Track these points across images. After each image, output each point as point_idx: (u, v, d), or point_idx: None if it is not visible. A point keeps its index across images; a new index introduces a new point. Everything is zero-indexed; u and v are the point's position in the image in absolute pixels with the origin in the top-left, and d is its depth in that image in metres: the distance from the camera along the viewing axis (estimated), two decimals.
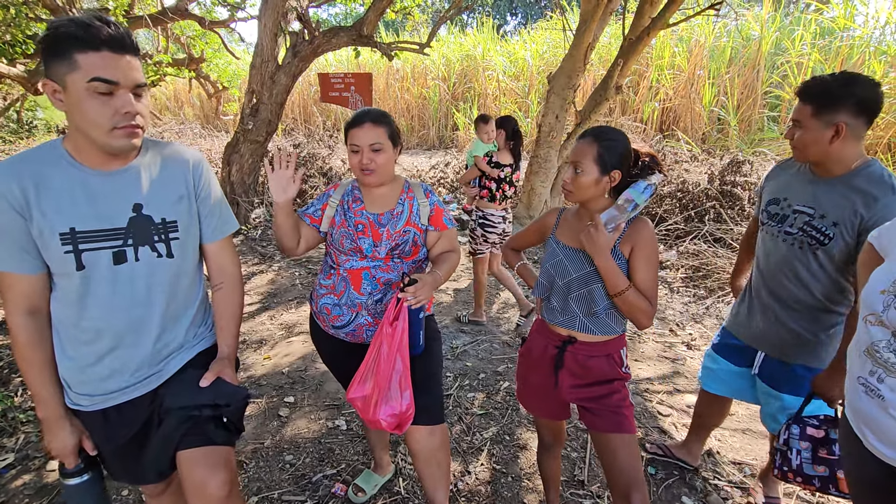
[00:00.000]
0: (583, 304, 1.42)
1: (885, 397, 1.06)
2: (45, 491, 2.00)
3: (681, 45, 9.56)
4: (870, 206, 1.39)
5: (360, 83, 5.71)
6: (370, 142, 1.50)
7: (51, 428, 1.18)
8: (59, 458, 1.21)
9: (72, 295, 1.11)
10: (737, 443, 2.33)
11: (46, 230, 1.05)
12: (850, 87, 1.38)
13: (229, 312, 1.36)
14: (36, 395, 1.16)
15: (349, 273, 1.56)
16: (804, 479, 1.48)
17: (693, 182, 5.33)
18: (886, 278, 1.08)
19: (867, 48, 8.04)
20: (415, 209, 1.60)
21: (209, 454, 1.19)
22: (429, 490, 1.61)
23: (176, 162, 1.23)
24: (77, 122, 1.04)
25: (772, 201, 1.66)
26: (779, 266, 1.61)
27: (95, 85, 1.00)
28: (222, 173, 5.69)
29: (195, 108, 15.82)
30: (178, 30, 8.12)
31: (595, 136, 1.37)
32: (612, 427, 1.40)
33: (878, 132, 7.45)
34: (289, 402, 2.64)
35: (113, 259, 1.12)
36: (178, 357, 1.28)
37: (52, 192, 1.06)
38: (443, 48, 12.85)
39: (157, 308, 1.20)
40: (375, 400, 1.43)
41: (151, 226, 1.16)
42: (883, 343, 1.07)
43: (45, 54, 1.00)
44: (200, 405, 1.20)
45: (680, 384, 2.83)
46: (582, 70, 5.11)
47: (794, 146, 1.52)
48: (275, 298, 4.06)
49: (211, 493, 1.15)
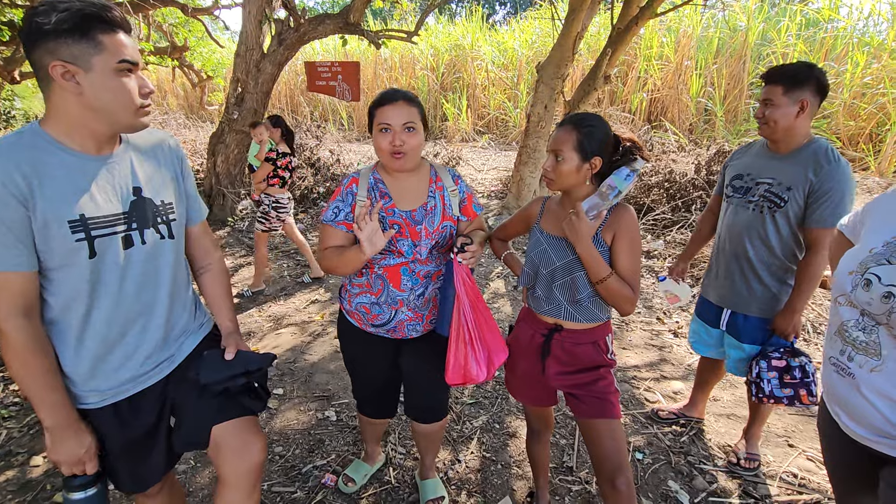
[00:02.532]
0: (566, 292, 1.42)
1: (854, 374, 1.10)
2: (28, 487, 1.97)
3: (669, 36, 9.57)
4: (817, 172, 1.69)
5: (348, 72, 5.63)
6: (404, 121, 1.36)
7: (64, 435, 1.08)
8: (74, 468, 1.12)
9: (80, 286, 1.07)
10: (722, 427, 2.38)
11: (53, 220, 1.00)
12: (812, 70, 1.69)
13: (222, 291, 1.39)
14: (40, 402, 1.06)
15: (386, 270, 1.46)
16: (776, 400, 1.83)
17: (680, 172, 5.37)
18: (854, 260, 1.12)
19: (851, 39, 8.13)
20: (447, 200, 1.50)
21: (248, 423, 1.26)
22: (422, 452, 1.91)
23: (161, 145, 1.24)
24: (101, 104, 1.01)
25: (736, 177, 1.93)
26: (744, 231, 1.87)
27: (123, 65, 1.01)
28: (208, 164, 5.60)
29: (179, 98, 15.53)
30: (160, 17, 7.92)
31: (575, 123, 1.37)
32: (598, 413, 1.41)
33: (859, 122, 7.58)
34: (278, 393, 2.63)
35: (123, 244, 1.11)
36: (188, 341, 1.29)
37: (53, 179, 1.01)
38: (431, 38, 12.72)
39: (164, 290, 1.21)
40: (489, 355, 1.44)
41: (153, 208, 1.16)
42: (851, 322, 1.11)
43: (59, 36, 0.95)
44: (234, 375, 1.23)
45: (667, 371, 2.87)
46: (571, 60, 5.10)
47: (764, 122, 1.77)
48: (262, 290, 4.02)
49: (252, 458, 1.23)
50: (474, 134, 11.32)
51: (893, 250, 1.05)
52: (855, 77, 7.61)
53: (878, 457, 1.09)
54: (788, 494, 1.98)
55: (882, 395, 1.05)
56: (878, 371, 1.06)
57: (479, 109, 11.84)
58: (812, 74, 1.67)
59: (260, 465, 1.25)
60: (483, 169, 8.46)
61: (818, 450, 2.22)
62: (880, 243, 1.08)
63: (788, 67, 1.72)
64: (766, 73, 1.75)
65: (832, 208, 1.66)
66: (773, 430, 2.35)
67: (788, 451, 2.21)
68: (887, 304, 1.03)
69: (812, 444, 2.25)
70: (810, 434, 2.33)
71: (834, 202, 1.66)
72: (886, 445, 1.07)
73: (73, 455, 1.10)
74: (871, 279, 1.07)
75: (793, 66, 1.72)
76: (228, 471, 1.22)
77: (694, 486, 2.01)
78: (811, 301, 3.55)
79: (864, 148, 7.46)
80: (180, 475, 2.05)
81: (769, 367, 1.84)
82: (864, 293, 1.07)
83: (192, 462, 2.13)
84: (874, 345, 1.06)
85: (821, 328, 3.30)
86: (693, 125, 9.20)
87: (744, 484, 2.02)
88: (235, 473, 1.22)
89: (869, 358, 1.07)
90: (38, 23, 0.94)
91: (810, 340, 3.16)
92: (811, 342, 3.15)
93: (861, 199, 6.04)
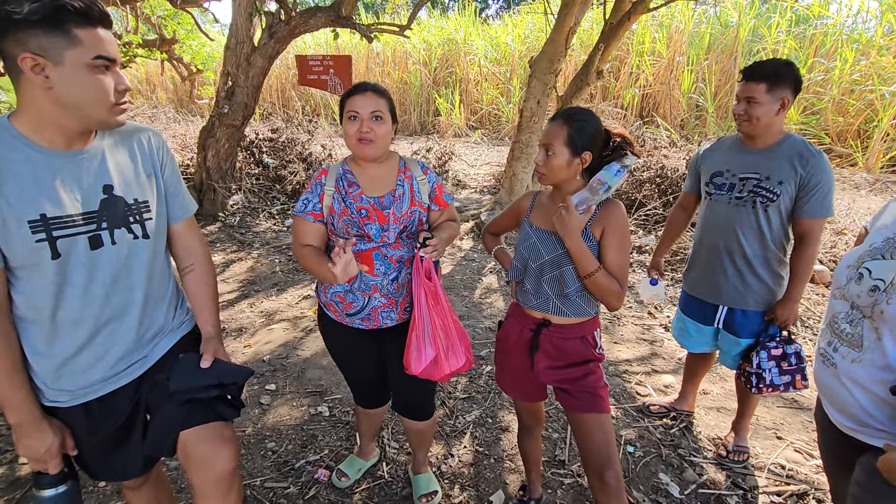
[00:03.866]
0: (555, 287, 1.43)
1: (836, 365, 1.13)
2: (17, 484, 1.95)
3: (661, 32, 9.60)
4: (804, 164, 1.74)
5: (340, 66, 5.58)
6: (371, 109, 1.40)
7: (27, 432, 1.08)
8: (37, 465, 1.11)
9: (46, 287, 1.04)
10: (712, 420, 2.40)
11: (11, 219, 0.97)
12: (791, 68, 1.73)
13: (206, 293, 1.33)
14: (5, 401, 1.05)
15: (359, 256, 1.47)
16: (773, 388, 1.89)
17: (672, 168, 5.39)
18: (853, 256, 1.14)
19: (840, 36, 8.20)
20: (416, 188, 1.53)
21: (217, 429, 1.19)
22: (414, 447, 1.92)
23: (138, 140, 1.19)
24: (71, 100, 0.98)
25: (715, 174, 1.94)
26: (736, 227, 1.88)
27: (98, 62, 0.98)
28: (198, 158, 5.54)
29: (168, 92, 15.30)
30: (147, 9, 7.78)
31: (565, 117, 1.37)
32: (587, 407, 1.42)
33: (848, 119, 7.66)
34: (270, 389, 2.62)
35: (89, 244, 1.06)
36: (163, 341, 1.25)
37: (14, 176, 0.97)
38: (423, 32, 12.64)
39: (138, 292, 1.16)
40: (445, 355, 1.44)
41: (125, 206, 1.11)
42: (842, 315, 1.13)
43: (29, 26, 0.91)
44: (206, 386, 1.18)
45: (658, 365, 2.90)
46: (563, 54, 5.09)
47: (745, 119, 1.79)
48: (254, 286, 4.00)
49: (222, 466, 1.17)
50: (467, 129, 11.29)
51: (892, 246, 1.07)
52: (844, 74, 7.69)
53: (859, 446, 1.11)
54: (776, 485, 2.01)
55: (859, 385, 1.08)
56: (858, 362, 1.08)
57: (472, 104, 11.82)
58: (792, 72, 1.72)
59: (230, 473, 1.18)
60: (476, 164, 8.45)
61: (805, 441, 2.26)
62: (881, 239, 1.10)
63: (769, 65, 1.74)
64: (748, 70, 1.77)
65: (822, 199, 1.74)
66: (762, 423, 2.38)
67: (776, 443, 2.25)
68: (872, 297, 1.05)
69: (800, 436, 2.29)
70: (798, 426, 2.36)
71: (823, 193, 1.73)
72: (865, 434, 1.09)
73: (34, 453, 1.09)
74: (863, 273, 1.08)
75: (772, 63, 1.74)
76: (198, 480, 1.17)
77: (684, 479, 2.04)
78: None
79: (852, 144, 7.55)
80: (172, 471, 2.04)
81: (769, 357, 1.89)
82: (856, 286, 1.09)
83: None
84: (858, 337, 1.09)
85: (808, 322, 3.35)
86: (685, 121, 9.25)
87: (733, 476, 2.05)
88: (206, 481, 1.17)
89: (851, 349, 1.10)
90: (8, 11, 0.90)
91: (797, 334, 3.21)
92: (798, 335, 3.19)
93: (848, 195, 6.12)
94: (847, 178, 6.87)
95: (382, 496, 1.95)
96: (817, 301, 3.59)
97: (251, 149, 6.40)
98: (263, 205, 5.81)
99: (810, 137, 7.71)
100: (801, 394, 2.60)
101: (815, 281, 3.86)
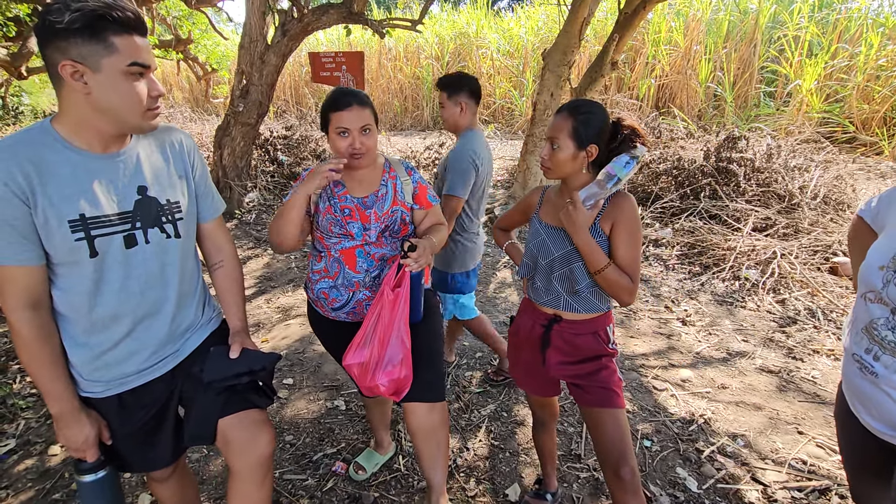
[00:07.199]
0: (565, 283, 1.41)
1: (878, 374, 1.06)
2: (48, 475, 2.02)
3: (678, 20, 9.39)
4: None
5: (352, 62, 5.59)
6: (361, 124, 1.44)
7: (67, 422, 1.14)
8: (76, 453, 1.18)
9: (84, 283, 1.09)
10: (730, 415, 2.37)
11: (53, 218, 1.02)
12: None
13: (234, 288, 1.40)
14: (46, 391, 1.12)
15: (342, 253, 1.53)
16: None
17: (689, 159, 5.29)
18: (885, 254, 1.06)
19: (865, 20, 7.93)
20: (399, 188, 1.58)
21: (254, 416, 1.27)
22: (426, 469, 1.56)
23: (171, 143, 1.24)
24: (108, 105, 1.02)
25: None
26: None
27: (134, 68, 1.02)
28: (214, 157, 5.62)
29: (185, 92, 15.53)
30: (163, 10, 7.91)
31: (571, 110, 1.34)
32: (601, 402, 1.40)
33: (873, 106, 7.42)
34: (287, 383, 2.66)
35: (125, 243, 1.12)
36: (194, 336, 1.31)
37: (56, 177, 1.02)
38: (435, 26, 12.58)
39: (171, 288, 1.22)
40: (374, 365, 1.43)
41: (158, 207, 1.17)
42: (882, 321, 1.05)
43: (70, 35, 0.95)
44: (238, 374, 1.25)
45: (675, 359, 2.86)
46: (577, 46, 5.03)
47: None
48: (270, 282, 4.06)
49: (261, 450, 1.25)
50: (480, 123, 11.23)
51: None
52: (869, 59, 7.44)
53: (893, 450, 1.07)
54: (798, 481, 1.98)
55: None
56: None
57: (485, 98, 11.73)
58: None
59: (268, 457, 1.27)
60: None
61: (828, 437, 2.21)
62: None
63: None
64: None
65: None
66: (783, 418, 2.34)
67: (798, 438, 2.21)
68: None
69: (822, 431, 2.24)
70: (820, 421, 2.32)
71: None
72: None
73: (73, 442, 1.15)
74: None
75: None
76: (238, 463, 1.24)
77: (702, 473, 2.02)
78: (822, 288, 3.52)
79: (877, 132, 7.31)
80: (193, 464, 2.09)
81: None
82: None
83: (205, 451, 2.17)
84: None
85: (832, 315, 3.27)
86: (702, 111, 9.06)
87: (752, 471, 2.03)
88: (245, 466, 1.24)
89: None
90: (51, 21, 0.94)
91: (820, 328, 3.14)
92: (821, 329, 3.12)
93: (874, 184, 5.94)
94: (873, 167, 6.67)
95: (399, 489, 1.97)
96: (840, 294, 3.50)
97: (266, 146, 6.47)
98: (279, 202, 5.87)
99: (834, 126, 7.49)
100: (823, 388, 2.55)
101: (839, 273, 3.77)
